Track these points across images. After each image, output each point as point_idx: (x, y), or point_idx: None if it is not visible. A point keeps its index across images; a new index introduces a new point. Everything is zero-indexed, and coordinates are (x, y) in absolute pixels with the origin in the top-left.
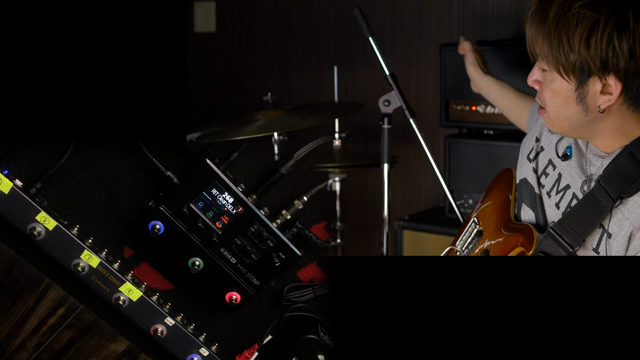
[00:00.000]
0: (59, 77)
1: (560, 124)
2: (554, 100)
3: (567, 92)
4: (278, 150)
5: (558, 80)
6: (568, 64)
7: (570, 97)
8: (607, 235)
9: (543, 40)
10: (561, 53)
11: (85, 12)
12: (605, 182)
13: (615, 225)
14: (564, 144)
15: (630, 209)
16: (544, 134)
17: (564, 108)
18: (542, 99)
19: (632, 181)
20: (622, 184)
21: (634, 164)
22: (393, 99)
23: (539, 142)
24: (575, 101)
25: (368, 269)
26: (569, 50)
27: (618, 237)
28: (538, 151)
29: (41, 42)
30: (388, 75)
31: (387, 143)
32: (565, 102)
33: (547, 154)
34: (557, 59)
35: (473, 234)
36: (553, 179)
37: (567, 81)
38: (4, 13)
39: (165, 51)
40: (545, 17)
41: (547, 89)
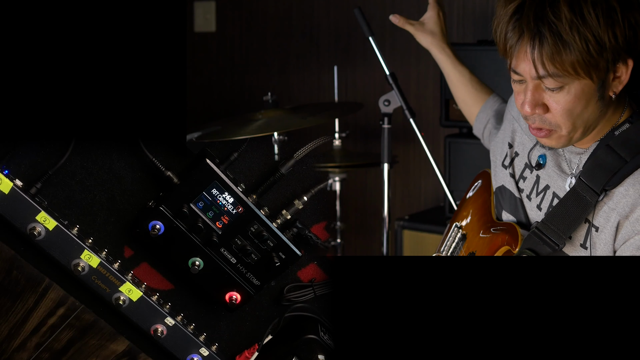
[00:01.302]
0: (58, 77)
1: (574, 134)
2: (576, 107)
3: (591, 92)
4: (278, 150)
5: (580, 85)
6: (601, 62)
7: (593, 96)
8: (594, 229)
9: (569, 54)
10: (592, 53)
11: (85, 12)
12: (587, 177)
13: (601, 218)
14: (536, 154)
15: (615, 200)
16: (516, 139)
17: (585, 111)
18: (547, 119)
19: (614, 173)
20: (605, 177)
21: (613, 156)
22: (393, 98)
23: (512, 147)
24: (595, 98)
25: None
26: (598, 48)
27: (605, 229)
28: (513, 157)
29: (41, 42)
30: (388, 75)
31: (387, 143)
32: (587, 104)
33: (522, 158)
34: (589, 62)
35: (457, 239)
36: (532, 181)
37: (591, 81)
38: (4, 13)
39: (165, 51)
40: (557, 29)
41: (562, 102)
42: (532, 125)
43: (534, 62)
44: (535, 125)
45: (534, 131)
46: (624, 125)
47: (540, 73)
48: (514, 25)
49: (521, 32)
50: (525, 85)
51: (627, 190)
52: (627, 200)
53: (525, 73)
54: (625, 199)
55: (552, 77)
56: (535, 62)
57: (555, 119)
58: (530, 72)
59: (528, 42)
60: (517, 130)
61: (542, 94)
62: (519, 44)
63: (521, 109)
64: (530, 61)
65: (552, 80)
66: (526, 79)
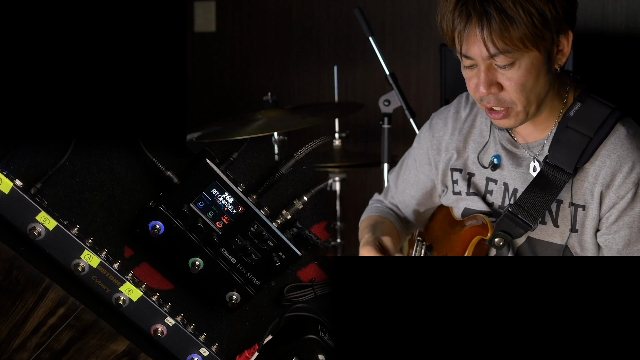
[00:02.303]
0: (58, 77)
1: (530, 109)
2: (528, 81)
3: (539, 65)
4: (278, 150)
5: (529, 59)
6: (546, 33)
7: (542, 69)
8: (580, 209)
9: (516, 28)
10: (537, 25)
11: (85, 12)
12: (555, 159)
13: (586, 196)
14: (490, 154)
15: (593, 174)
16: (459, 163)
17: (536, 84)
18: (502, 98)
19: (583, 150)
20: (575, 156)
21: (576, 135)
22: (393, 98)
23: (463, 171)
24: (544, 71)
25: (368, 269)
26: (542, 20)
27: (592, 204)
28: (469, 179)
29: (41, 43)
30: (388, 75)
31: (387, 143)
32: (537, 77)
33: (480, 175)
34: (535, 34)
35: (423, 252)
36: (500, 190)
37: (540, 53)
38: (4, 13)
39: (165, 51)
40: (501, 7)
41: (515, 78)
42: (487, 106)
43: (485, 42)
44: (490, 105)
45: (490, 113)
46: (575, 105)
47: (491, 51)
48: (460, 10)
49: (468, 15)
50: (477, 68)
51: (604, 162)
52: (605, 170)
53: (477, 55)
54: (604, 170)
55: (503, 53)
56: (486, 41)
57: (510, 96)
58: (481, 53)
59: (476, 23)
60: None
61: (495, 73)
62: (468, 27)
63: (476, 91)
64: (481, 41)
65: (503, 57)
66: (477, 62)
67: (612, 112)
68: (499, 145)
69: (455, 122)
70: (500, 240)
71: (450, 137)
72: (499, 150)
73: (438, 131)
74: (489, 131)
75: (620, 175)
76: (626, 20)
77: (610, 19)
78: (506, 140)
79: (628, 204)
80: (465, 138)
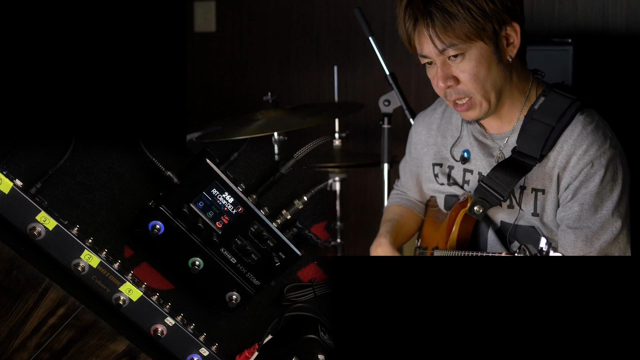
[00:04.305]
0: (59, 78)
1: (488, 96)
2: (480, 71)
3: (489, 55)
4: (278, 150)
5: (477, 50)
6: (487, 25)
7: (492, 59)
8: (540, 192)
9: (458, 23)
10: (477, 18)
11: (85, 12)
12: (523, 147)
13: (545, 180)
14: (458, 151)
15: (553, 159)
16: (438, 157)
17: (489, 74)
18: (460, 90)
19: (547, 137)
20: (540, 143)
21: (540, 125)
22: (393, 98)
23: (443, 165)
24: (495, 61)
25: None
26: (481, 13)
27: (551, 188)
28: (449, 172)
29: (41, 43)
30: (388, 75)
31: (387, 143)
32: (489, 67)
33: (458, 167)
34: (476, 26)
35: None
36: (476, 179)
37: (486, 44)
38: (4, 13)
39: (165, 51)
40: (442, 6)
41: (467, 69)
42: (451, 99)
43: (432, 39)
44: (454, 99)
45: (457, 107)
46: (540, 99)
47: (439, 47)
48: (409, 14)
49: (415, 17)
50: (435, 66)
51: (562, 148)
52: (562, 154)
53: (430, 53)
54: (560, 155)
55: (450, 47)
56: (432, 38)
57: (467, 87)
58: (433, 50)
59: (422, 23)
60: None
61: (450, 67)
62: (417, 28)
63: (436, 87)
64: (429, 39)
65: (451, 50)
66: (433, 59)
67: (573, 103)
68: (472, 137)
69: (435, 120)
70: (479, 208)
71: (428, 133)
72: (472, 142)
73: (422, 128)
74: (462, 126)
75: (575, 157)
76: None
77: (610, 19)
78: (478, 132)
79: (581, 183)
80: (444, 134)
